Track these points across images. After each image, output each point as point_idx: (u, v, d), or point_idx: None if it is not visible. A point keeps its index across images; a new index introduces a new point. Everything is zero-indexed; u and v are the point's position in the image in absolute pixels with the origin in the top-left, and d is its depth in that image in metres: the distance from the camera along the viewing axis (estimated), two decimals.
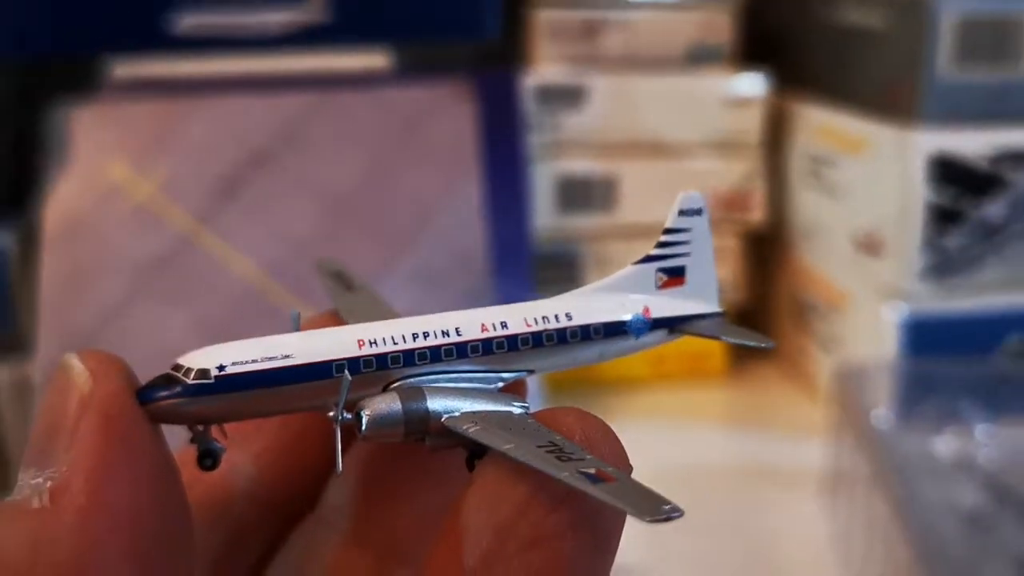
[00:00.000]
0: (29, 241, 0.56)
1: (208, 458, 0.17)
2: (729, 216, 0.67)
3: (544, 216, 0.64)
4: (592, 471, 0.15)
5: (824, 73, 0.65)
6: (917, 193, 0.55)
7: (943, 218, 0.55)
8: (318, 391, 0.17)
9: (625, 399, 0.66)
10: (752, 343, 0.23)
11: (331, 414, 0.17)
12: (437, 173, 0.56)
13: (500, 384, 0.19)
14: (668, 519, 0.15)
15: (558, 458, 0.16)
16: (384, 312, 0.21)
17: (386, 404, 0.17)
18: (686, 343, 0.69)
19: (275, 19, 0.60)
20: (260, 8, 0.59)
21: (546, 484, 0.16)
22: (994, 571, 0.39)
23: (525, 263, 0.56)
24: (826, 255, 0.64)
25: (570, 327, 0.20)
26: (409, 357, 0.18)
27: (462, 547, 0.16)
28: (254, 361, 0.17)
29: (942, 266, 0.56)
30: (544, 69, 0.64)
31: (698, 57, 0.66)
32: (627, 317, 0.20)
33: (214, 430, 0.18)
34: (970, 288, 0.57)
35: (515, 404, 0.18)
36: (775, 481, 0.55)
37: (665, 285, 0.22)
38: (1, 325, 0.56)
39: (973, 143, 0.55)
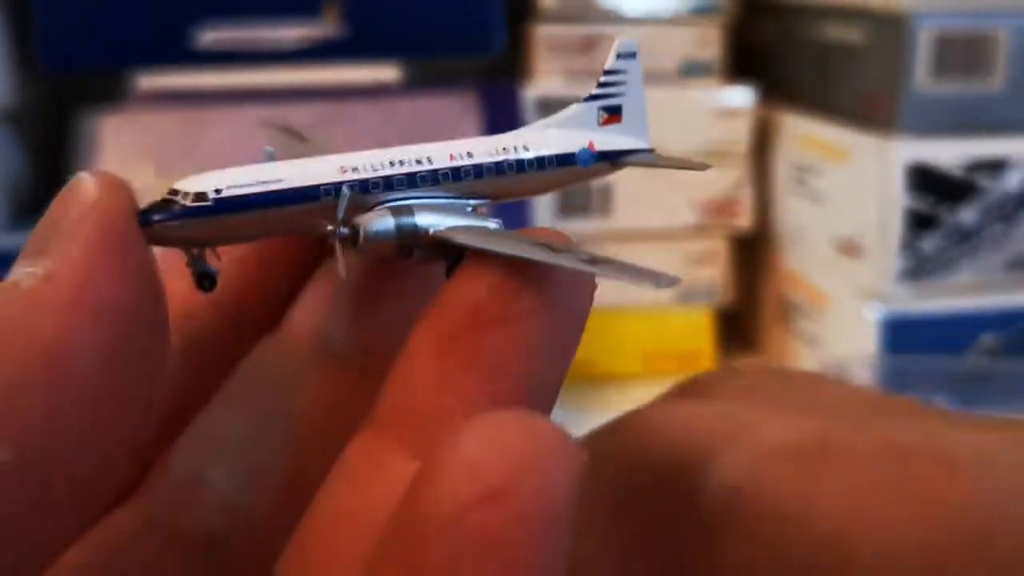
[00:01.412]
0: None
1: (205, 279, 0.17)
2: (718, 221, 0.67)
3: (543, 221, 0.64)
4: (587, 256, 0.16)
5: (807, 86, 0.66)
6: (895, 200, 0.55)
7: (920, 223, 0.56)
8: (309, 212, 0.17)
9: (617, 394, 0.66)
10: (687, 167, 0.24)
11: (329, 228, 0.17)
12: None
13: (469, 209, 0.19)
14: (672, 284, 0.16)
15: (552, 250, 0.16)
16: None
17: (380, 219, 0.17)
18: (675, 341, 0.70)
19: (291, 34, 0.61)
20: (277, 24, 0.60)
21: (522, 269, 0.16)
22: None
23: None
24: (809, 258, 0.65)
25: (527, 158, 0.20)
26: (388, 182, 0.18)
27: (436, 324, 0.15)
28: (249, 185, 0.17)
29: (919, 268, 0.57)
30: (544, 82, 0.65)
31: (689, 71, 0.67)
32: (575, 150, 0.21)
33: (208, 254, 0.17)
34: (945, 289, 0.58)
35: (491, 221, 0.18)
36: None
37: (605, 122, 0.23)
38: None
39: (948, 153, 0.56)
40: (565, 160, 0.21)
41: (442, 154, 0.19)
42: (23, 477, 0.13)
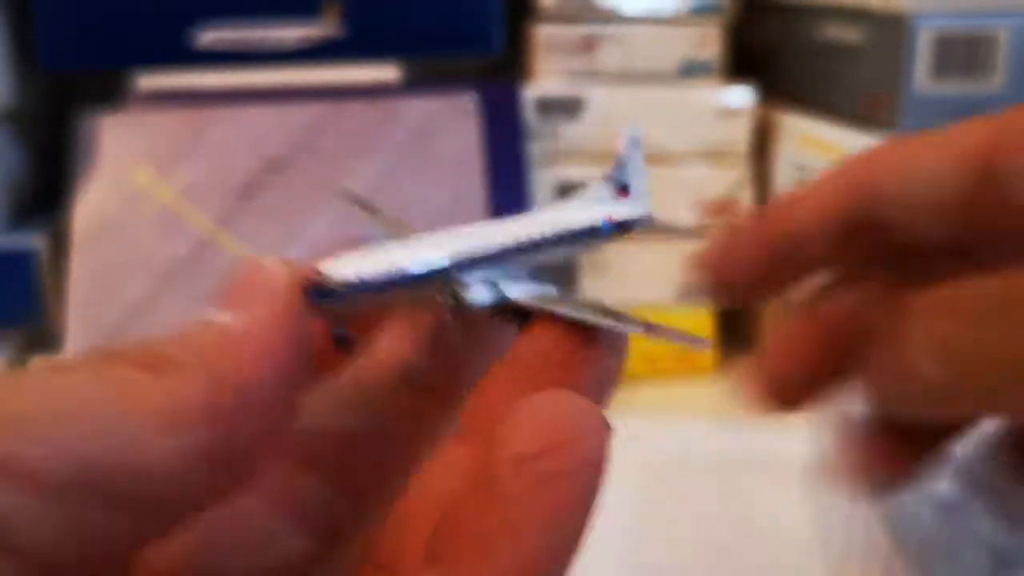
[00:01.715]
0: (60, 243, 0.56)
1: (344, 342, 0.21)
2: (718, 221, 0.67)
3: None
4: (629, 318, 0.20)
5: (807, 86, 0.65)
6: None
7: None
8: (426, 289, 0.21)
9: (619, 394, 0.66)
10: (680, 228, 0.30)
11: (439, 300, 0.21)
12: (444, 180, 0.57)
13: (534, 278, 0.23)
14: (705, 347, 0.22)
15: (603, 312, 0.20)
16: (411, 230, 0.24)
17: (479, 293, 0.21)
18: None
19: (291, 34, 0.60)
20: (277, 24, 0.60)
21: (579, 327, 0.20)
22: (970, 559, 0.40)
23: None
24: None
25: (567, 231, 0.24)
26: (477, 261, 0.22)
27: (512, 365, 0.20)
28: (381, 271, 0.20)
29: None
30: (544, 81, 0.65)
31: (689, 71, 0.66)
32: (600, 222, 0.25)
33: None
34: None
35: (552, 288, 0.22)
36: (763, 472, 0.55)
37: (617, 196, 0.27)
38: (34, 322, 0.56)
39: None
40: (594, 231, 0.25)
41: (508, 233, 0.23)
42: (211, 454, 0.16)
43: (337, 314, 0.20)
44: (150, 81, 0.60)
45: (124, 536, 0.16)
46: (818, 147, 0.62)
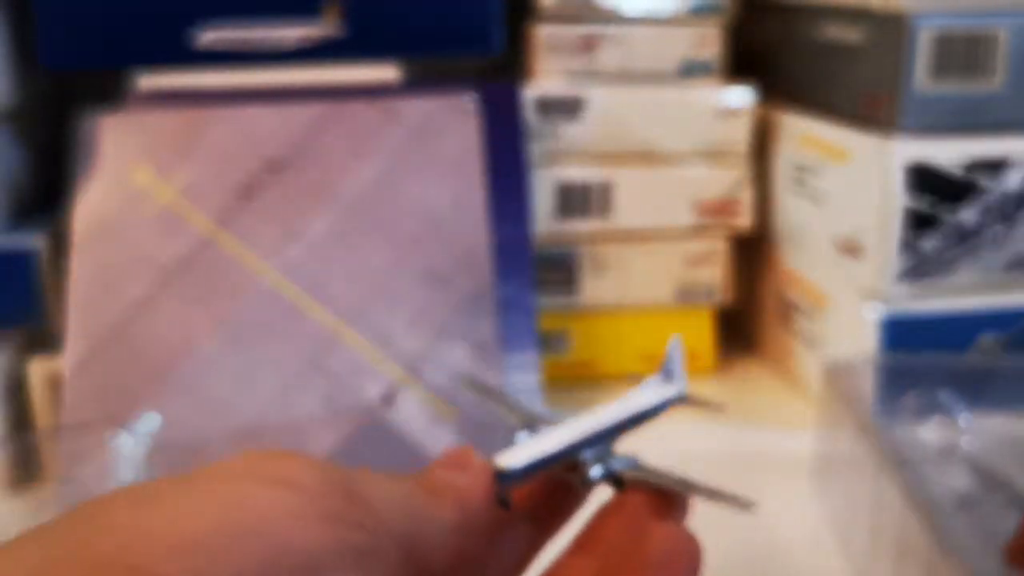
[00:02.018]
0: (60, 243, 0.56)
1: (505, 504, 0.29)
2: (718, 221, 0.67)
3: (543, 220, 0.64)
4: (697, 484, 0.30)
5: (807, 86, 0.65)
6: (895, 199, 0.55)
7: (920, 223, 0.55)
8: (560, 465, 0.30)
9: (618, 392, 0.66)
10: (709, 403, 0.37)
11: (571, 474, 0.30)
12: (444, 179, 0.57)
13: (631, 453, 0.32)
14: (751, 508, 0.29)
15: (684, 483, 0.29)
16: (524, 407, 0.35)
17: (596, 468, 0.30)
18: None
19: (291, 34, 0.60)
20: (277, 23, 0.59)
21: (663, 492, 0.29)
22: (989, 553, 0.40)
23: (526, 265, 0.56)
24: (809, 258, 0.64)
25: (642, 413, 0.33)
26: (592, 440, 0.30)
27: (617, 510, 0.29)
28: (536, 456, 0.29)
29: (919, 268, 0.56)
30: (544, 81, 0.64)
31: (689, 71, 0.66)
32: (661, 403, 0.34)
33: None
34: (945, 289, 0.57)
35: (639, 458, 0.31)
36: (766, 469, 0.55)
37: (664, 384, 0.35)
38: (34, 322, 0.56)
39: (948, 152, 0.55)
40: (658, 410, 0.34)
41: (614, 418, 0.32)
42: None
43: (509, 486, 0.29)
44: (150, 81, 0.59)
45: None
46: (818, 147, 0.62)
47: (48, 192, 0.65)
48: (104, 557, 0.20)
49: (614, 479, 0.30)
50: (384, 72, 0.60)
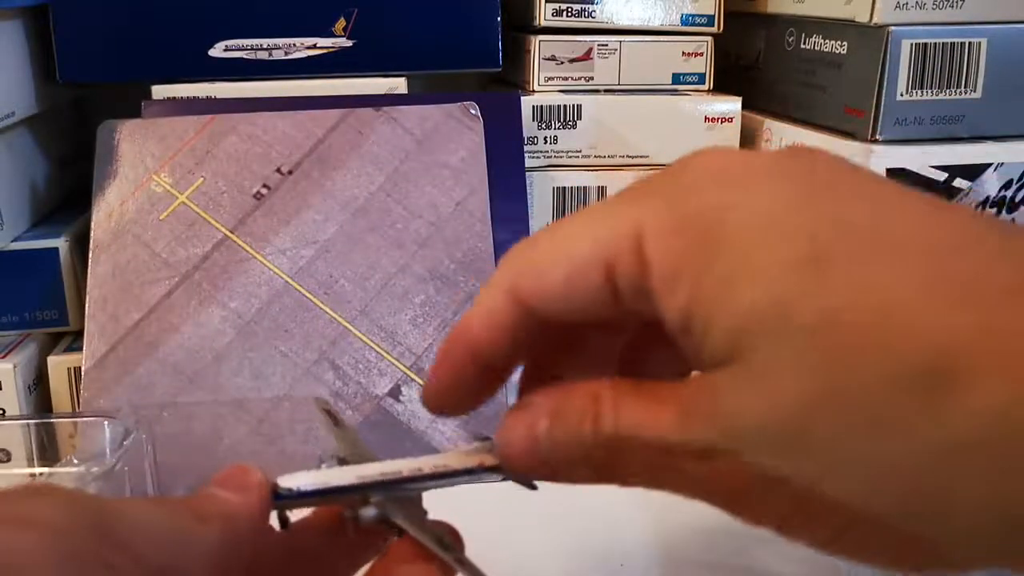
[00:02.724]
0: (80, 244, 0.58)
1: (284, 523, 0.30)
2: None
3: (540, 224, 0.65)
4: (454, 551, 0.29)
5: (792, 96, 0.67)
6: None
7: None
8: (341, 501, 0.30)
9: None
10: (527, 483, 0.33)
11: (346, 513, 0.30)
12: (449, 184, 0.58)
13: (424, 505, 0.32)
14: None
15: (440, 542, 0.29)
16: (360, 446, 0.34)
17: (370, 510, 0.30)
18: None
19: (302, 47, 0.62)
20: (288, 37, 0.61)
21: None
22: None
23: None
24: None
25: (450, 471, 0.31)
26: (384, 485, 0.30)
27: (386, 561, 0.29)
28: (318, 482, 0.30)
29: None
30: (542, 91, 0.66)
31: (680, 81, 0.68)
32: (475, 468, 0.31)
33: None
34: None
35: (423, 511, 0.31)
36: None
37: (492, 451, 0.32)
38: (57, 321, 0.58)
39: (929, 159, 0.57)
40: (470, 472, 0.31)
41: (409, 467, 0.30)
42: None
43: (287, 506, 0.30)
44: (167, 89, 0.61)
45: None
46: None
47: (69, 196, 0.67)
48: None
49: (394, 526, 0.30)
50: (391, 83, 0.62)
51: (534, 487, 0.31)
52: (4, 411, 0.54)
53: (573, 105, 0.65)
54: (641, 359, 0.30)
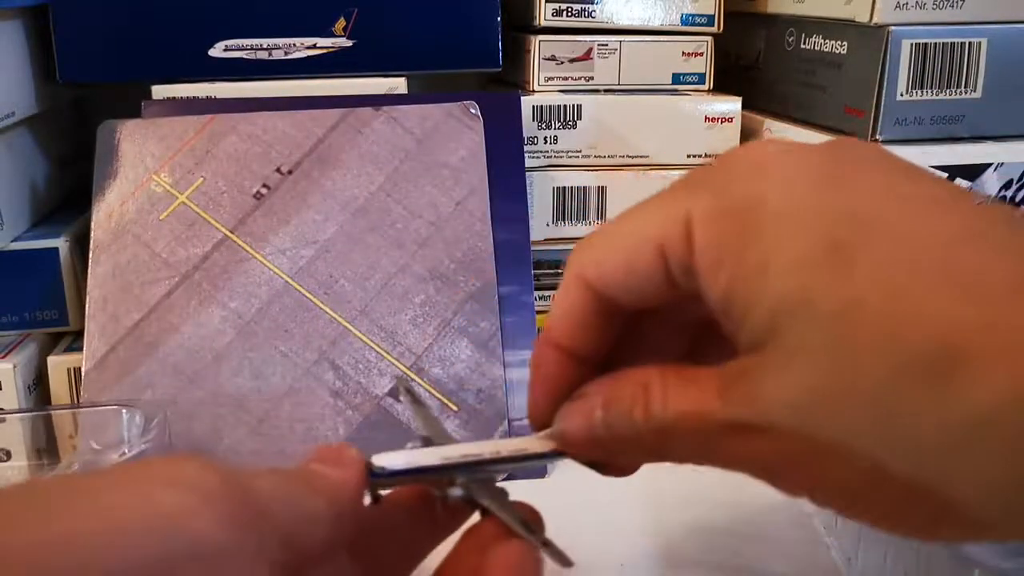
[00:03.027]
0: (80, 244, 0.58)
1: (376, 499, 0.32)
2: None
3: (540, 224, 0.65)
4: (539, 533, 0.31)
5: (792, 96, 0.67)
6: None
7: None
8: (429, 480, 0.33)
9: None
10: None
11: (436, 493, 0.33)
12: (449, 185, 0.58)
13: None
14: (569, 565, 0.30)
15: (525, 524, 0.31)
16: (437, 425, 0.37)
17: (457, 490, 0.32)
18: None
19: (302, 47, 0.62)
20: (288, 37, 0.61)
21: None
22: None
23: (526, 266, 0.58)
24: None
25: (534, 455, 0.33)
26: (468, 467, 0.32)
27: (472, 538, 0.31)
28: (408, 462, 0.32)
29: None
30: (542, 91, 0.66)
31: (680, 81, 0.68)
32: (551, 452, 0.33)
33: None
34: None
35: (505, 489, 0.33)
36: None
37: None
38: (57, 321, 0.57)
39: (929, 158, 0.57)
40: (542, 456, 0.33)
41: (488, 449, 0.33)
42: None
43: (380, 485, 0.31)
44: (167, 89, 0.61)
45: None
46: None
47: (69, 196, 0.67)
48: None
49: (479, 506, 0.32)
50: (391, 83, 0.62)
51: (603, 471, 0.33)
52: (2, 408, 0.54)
53: (573, 105, 0.65)
54: (702, 353, 0.32)
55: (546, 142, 0.65)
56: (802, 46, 0.65)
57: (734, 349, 0.27)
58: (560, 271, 0.67)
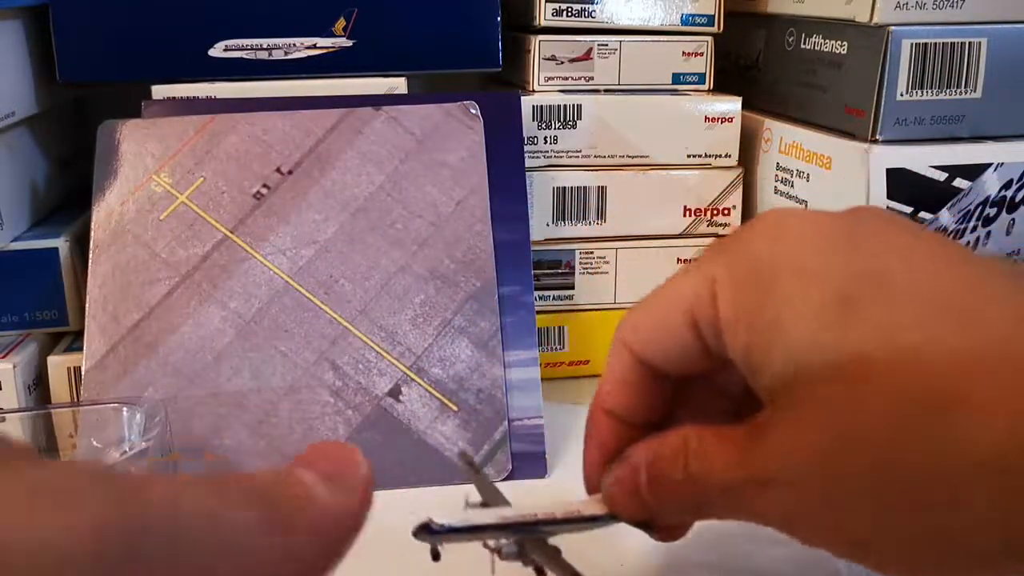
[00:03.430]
0: (80, 244, 0.58)
1: (436, 556, 0.34)
2: (708, 227, 0.68)
3: (540, 224, 0.65)
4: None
5: (792, 96, 0.67)
6: (878, 204, 0.56)
7: None
8: (485, 538, 0.34)
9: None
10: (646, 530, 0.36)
11: (491, 546, 0.35)
12: (449, 184, 0.58)
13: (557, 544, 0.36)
14: None
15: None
16: (497, 491, 0.40)
17: (512, 548, 0.35)
18: None
19: (302, 47, 0.61)
20: (288, 37, 0.61)
21: None
22: None
23: (526, 265, 0.58)
24: None
25: (579, 517, 0.35)
26: (522, 528, 0.34)
27: None
28: (460, 524, 0.33)
29: None
30: (542, 91, 0.66)
31: (680, 81, 0.68)
32: (602, 513, 0.34)
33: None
34: None
35: (558, 548, 0.36)
36: None
37: None
38: (57, 321, 0.57)
39: (929, 159, 0.57)
40: (596, 519, 0.34)
41: (543, 511, 0.34)
42: None
43: (439, 540, 0.33)
44: (167, 89, 0.61)
45: None
46: (803, 155, 0.63)
47: (69, 196, 0.66)
48: None
49: (532, 563, 0.34)
50: (391, 83, 0.62)
51: (653, 534, 0.35)
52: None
53: (573, 105, 0.65)
54: (748, 415, 0.33)
55: (546, 142, 0.65)
56: (802, 46, 0.65)
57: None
58: (560, 271, 0.67)
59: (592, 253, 0.67)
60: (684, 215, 0.68)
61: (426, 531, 0.33)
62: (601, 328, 0.69)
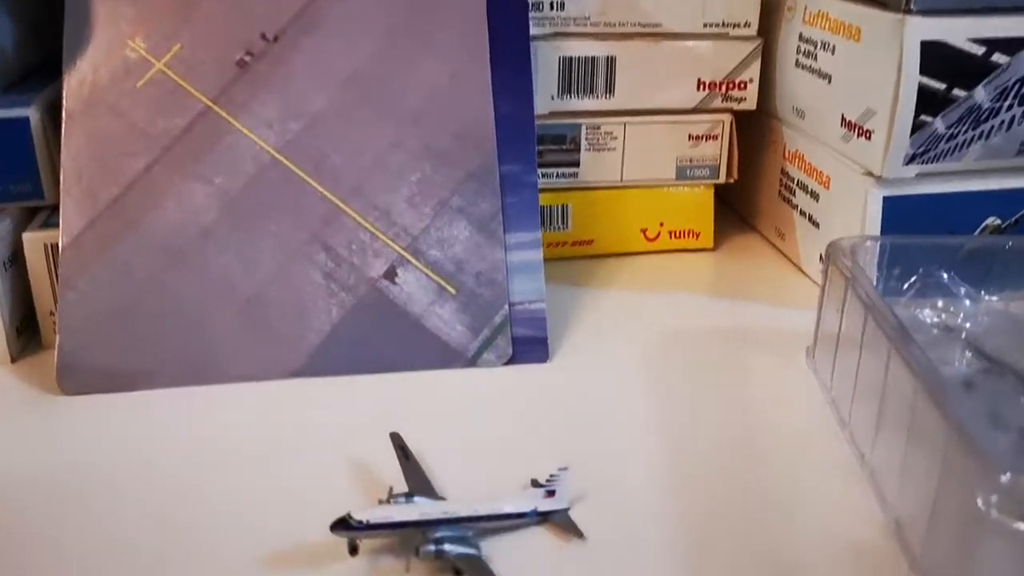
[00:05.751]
0: (52, 114, 0.53)
1: (353, 550, 0.35)
2: (723, 100, 0.64)
3: (545, 97, 0.61)
4: None
5: None
6: (910, 79, 0.52)
7: (934, 103, 0.52)
8: (404, 533, 0.35)
9: (617, 267, 0.64)
10: (576, 530, 0.37)
11: (408, 546, 0.35)
12: (447, 55, 0.53)
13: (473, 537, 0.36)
14: None
15: None
16: (425, 481, 0.39)
17: (430, 547, 0.34)
18: (675, 218, 0.67)
19: None
20: None
21: None
22: (997, 435, 0.39)
23: (529, 142, 0.54)
24: (815, 137, 0.61)
25: (505, 513, 0.37)
26: (444, 522, 0.35)
27: None
28: (378, 519, 0.35)
29: (929, 150, 0.53)
30: None
31: None
32: (528, 510, 0.37)
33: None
34: (953, 172, 0.55)
35: (478, 554, 0.35)
36: (764, 344, 0.54)
37: (546, 498, 0.38)
38: (31, 194, 0.53)
39: (966, 31, 0.52)
40: (523, 515, 0.37)
41: (467, 508, 0.36)
42: None
43: (357, 536, 0.34)
44: None
45: None
46: (831, 24, 0.58)
47: (41, 66, 0.62)
48: None
49: (450, 564, 0.34)
50: None
51: (582, 536, 0.36)
52: None
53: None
54: None
55: (552, 8, 0.60)
56: None
57: None
58: (565, 147, 0.63)
59: (599, 128, 0.63)
60: (698, 88, 0.63)
61: (343, 526, 0.34)
62: (606, 207, 0.65)
